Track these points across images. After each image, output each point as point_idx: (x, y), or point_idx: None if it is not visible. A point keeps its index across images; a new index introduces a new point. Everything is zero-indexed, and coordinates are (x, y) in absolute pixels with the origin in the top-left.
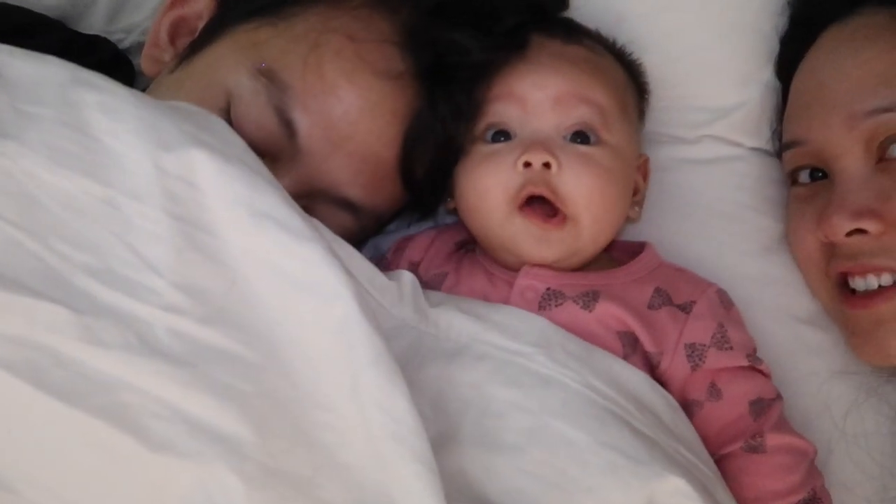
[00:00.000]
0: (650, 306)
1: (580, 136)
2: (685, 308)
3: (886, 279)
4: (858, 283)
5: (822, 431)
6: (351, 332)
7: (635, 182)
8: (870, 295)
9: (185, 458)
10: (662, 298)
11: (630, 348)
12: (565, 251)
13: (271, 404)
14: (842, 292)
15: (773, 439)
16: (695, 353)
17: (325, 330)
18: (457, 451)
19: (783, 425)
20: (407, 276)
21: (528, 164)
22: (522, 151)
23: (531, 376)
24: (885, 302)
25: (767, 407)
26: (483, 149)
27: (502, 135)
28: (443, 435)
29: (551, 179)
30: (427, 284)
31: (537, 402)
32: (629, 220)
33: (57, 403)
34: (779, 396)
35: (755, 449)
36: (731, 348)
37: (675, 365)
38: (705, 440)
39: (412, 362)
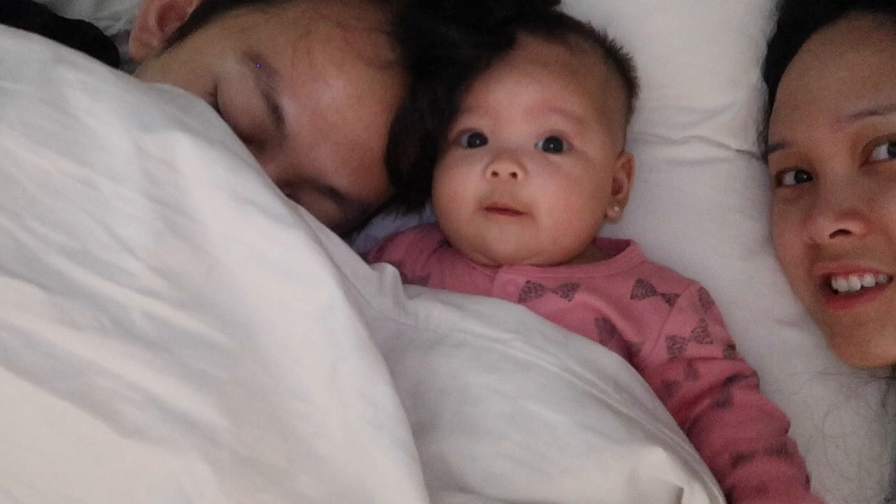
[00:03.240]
0: (633, 296)
1: (553, 143)
2: (669, 299)
3: (869, 280)
4: (841, 284)
5: (801, 433)
6: (334, 319)
7: (619, 180)
8: (852, 295)
9: (156, 445)
10: (646, 289)
11: (607, 335)
12: (524, 246)
13: (246, 393)
14: (824, 293)
15: (740, 396)
16: (675, 345)
17: (306, 317)
18: (436, 438)
19: (755, 390)
20: (389, 269)
21: (495, 174)
22: (491, 160)
23: (509, 362)
24: (867, 303)
25: (741, 379)
26: (457, 152)
27: (478, 138)
28: (422, 424)
29: (516, 188)
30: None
31: (515, 387)
32: (610, 219)
33: (26, 385)
34: (754, 374)
35: (722, 404)
36: (711, 342)
37: (655, 353)
38: (679, 412)
39: (391, 355)
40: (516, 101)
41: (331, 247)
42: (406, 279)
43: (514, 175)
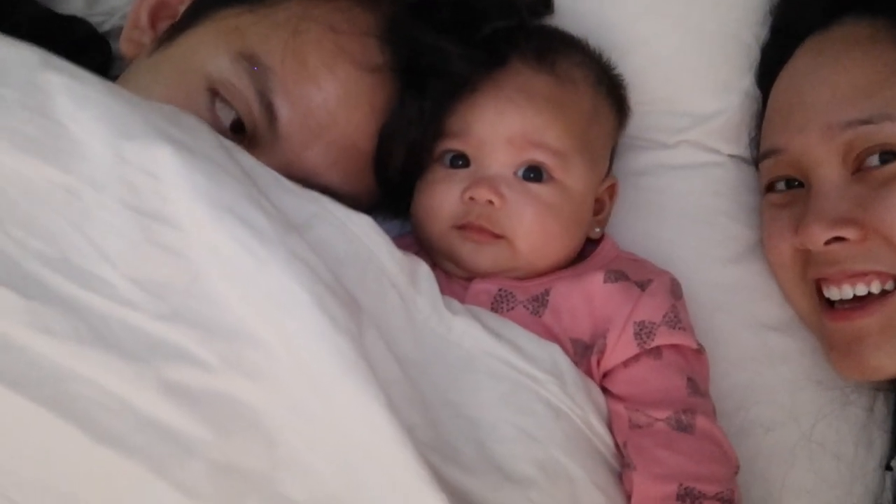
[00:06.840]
0: (606, 280)
1: (533, 172)
2: (641, 285)
3: (861, 289)
4: (833, 293)
5: (786, 438)
6: (313, 342)
7: (601, 202)
8: (854, 308)
9: (130, 452)
10: (618, 275)
11: (580, 355)
12: (500, 264)
13: (228, 402)
14: (822, 303)
15: (703, 423)
16: (643, 330)
17: (286, 336)
18: (465, 473)
19: (715, 421)
20: (424, 267)
21: (473, 199)
22: (470, 185)
23: (542, 404)
24: (867, 316)
25: (703, 395)
26: (440, 171)
27: (460, 159)
28: (445, 447)
29: (493, 213)
30: None
31: (547, 433)
32: (590, 238)
33: (1, 388)
34: (710, 396)
35: (684, 428)
36: (683, 329)
37: (622, 342)
38: (634, 396)
39: (420, 362)
40: (499, 131)
41: (360, 234)
42: None
43: (490, 202)
